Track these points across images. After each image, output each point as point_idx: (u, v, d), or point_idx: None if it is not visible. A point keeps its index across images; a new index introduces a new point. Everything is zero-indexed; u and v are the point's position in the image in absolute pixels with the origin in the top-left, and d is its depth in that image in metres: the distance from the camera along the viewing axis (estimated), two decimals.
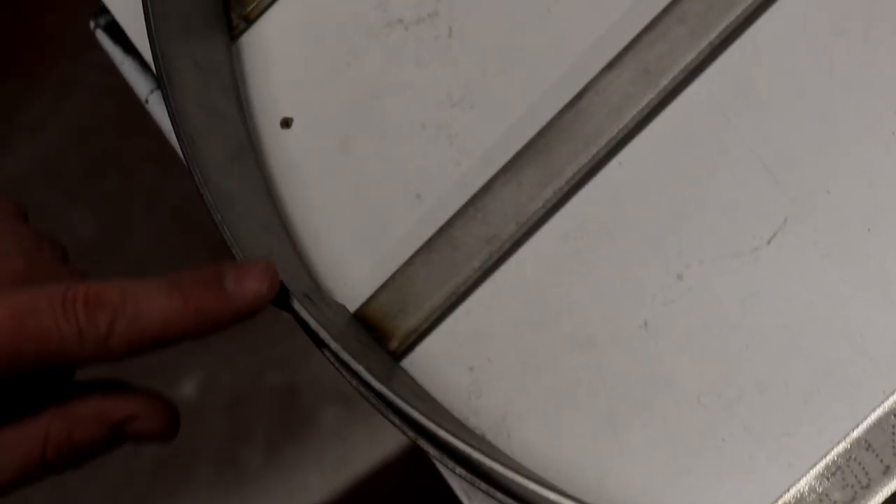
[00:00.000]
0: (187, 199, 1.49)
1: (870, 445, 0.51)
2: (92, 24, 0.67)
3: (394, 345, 0.57)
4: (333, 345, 0.53)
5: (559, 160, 0.57)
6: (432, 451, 0.53)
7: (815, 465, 0.51)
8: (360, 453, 1.40)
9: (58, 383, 0.51)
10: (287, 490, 1.41)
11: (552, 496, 0.49)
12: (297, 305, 0.53)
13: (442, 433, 0.51)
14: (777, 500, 0.51)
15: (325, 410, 1.42)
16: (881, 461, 0.50)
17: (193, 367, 1.45)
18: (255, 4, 0.63)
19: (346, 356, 0.53)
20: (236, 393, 1.45)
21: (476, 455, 0.50)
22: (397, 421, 0.53)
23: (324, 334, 0.53)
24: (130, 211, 1.56)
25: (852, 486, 0.50)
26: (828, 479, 0.51)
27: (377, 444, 1.39)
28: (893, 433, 0.50)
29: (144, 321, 0.49)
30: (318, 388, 1.43)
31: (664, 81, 0.57)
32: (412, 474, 1.37)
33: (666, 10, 0.56)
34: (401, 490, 1.38)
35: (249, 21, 0.64)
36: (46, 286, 0.49)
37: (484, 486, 0.52)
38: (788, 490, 0.51)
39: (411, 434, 0.53)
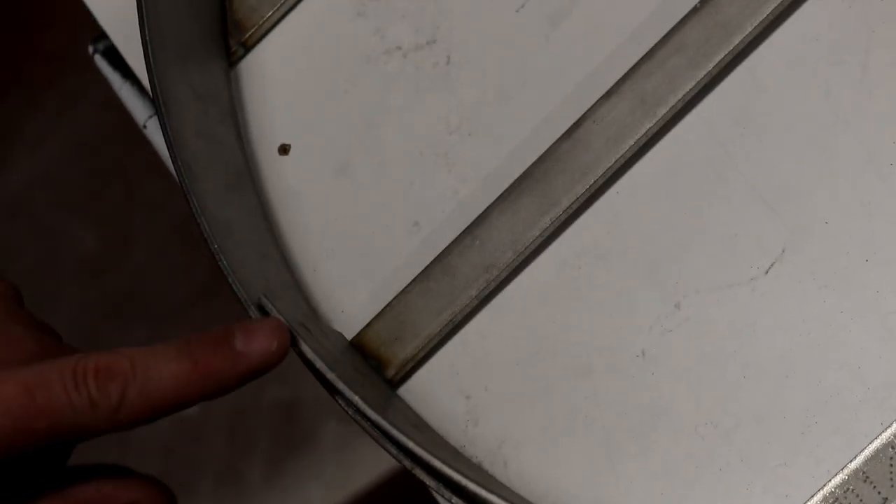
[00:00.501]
0: (189, 213, 1.49)
1: (867, 477, 0.50)
2: (91, 49, 0.67)
3: (391, 373, 0.57)
4: (329, 374, 0.53)
5: (556, 189, 0.57)
6: (428, 481, 0.53)
7: (812, 496, 0.51)
8: (361, 468, 1.40)
9: (54, 467, 0.51)
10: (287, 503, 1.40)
11: None
12: (295, 331, 0.53)
13: (437, 463, 0.51)
14: None
15: (326, 425, 1.42)
16: (879, 493, 0.50)
17: None
18: (253, 31, 0.63)
19: (341, 386, 0.53)
20: (237, 407, 1.45)
21: (472, 486, 0.50)
22: (394, 450, 0.53)
23: (319, 364, 0.53)
24: (131, 224, 1.56)
25: None
26: None
27: (378, 459, 1.40)
28: (891, 465, 0.50)
29: (155, 388, 0.49)
30: (318, 403, 1.43)
31: (662, 111, 0.56)
32: (412, 490, 1.37)
33: (664, 40, 0.56)
34: None
35: (248, 47, 0.64)
36: (56, 361, 0.49)
37: None
38: None
39: (408, 463, 0.53)
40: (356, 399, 0.53)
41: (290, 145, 0.62)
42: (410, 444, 0.52)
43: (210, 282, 1.49)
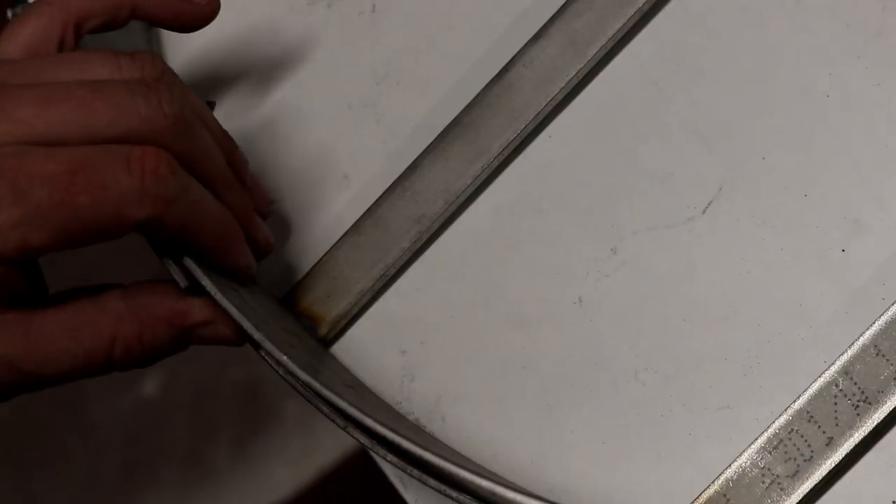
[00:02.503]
0: None
1: (812, 417, 0.49)
2: None
3: (323, 331, 0.56)
4: (256, 335, 0.51)
5: (487, 135, 0.55)
6: (363, 439, 0.51)
7: (756, 439, 0.50)
8: (326, 445, 1.39)
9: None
10: (253, 484, 1.39)
11: (483, 483, 0.48)
12: (217, 295, 0.51)
13: (369, 422, 0.49)
14: (718, 477, 0.49)
15: (289, 403, 1.41)
16: (824, 433, 0.49)
17: (155, 366, 1.43)
18: None
19: (269, 346, 0.51)
20: (199, 389, 1.43)
21: (405, 444, 0.49)
22: (326, 410, 0.52)
23: (246, 325, 0.51)
24: None
25: (795, 460, 0.49)
26: (770, 453, 0.49)
27: (342, 435, 1.38)
28: (835, 404, 0.49)
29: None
30: (280, 382, 1.41)
31: (592, 51, 0.55)
32: (377, 466, 1.36)
33: None
34: (367, 481, 1.36)
35: None
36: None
37: (416, 472, 0.50)
38: (730, 466, 0.49)
39: (340, 422, 0.52)
40: (284, 359, 0.51)
41: (214, 101, 0.60)
42: (342, 404, 0.50)
43: (162, 267, 1.48)
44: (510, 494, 0.47)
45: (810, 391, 0.49)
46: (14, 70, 0.49)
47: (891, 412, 0.48)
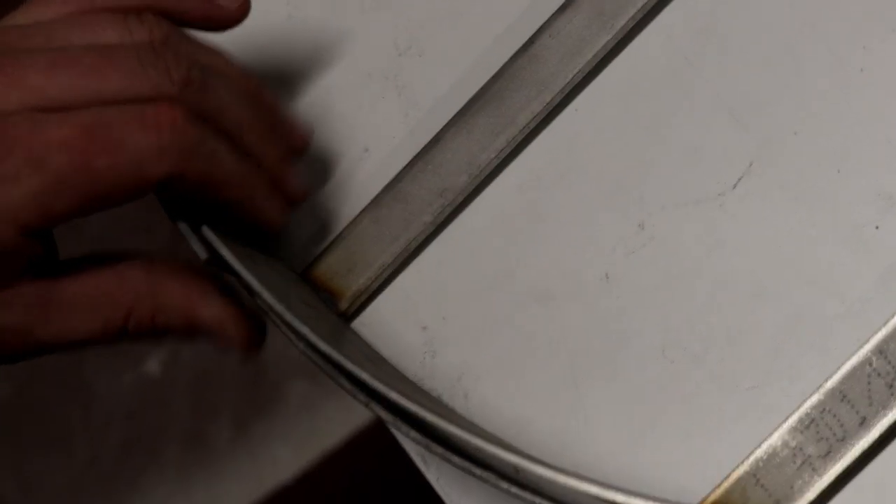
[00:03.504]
0: None
1: (845, 396, 0.48)
2: None
3: (343, 305, 0.55)
4: (277, 307, 0.50)
5: (512, 108, 0.54)
6: (385, 415, 0.50)
7: (787, 418, 0.49)
8: (328, 427, 1.38)
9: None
10: (255, 465, 1.38)
11: (511, 458, 0.47)
12: (237, 266, 0.50)
13: (393, 395, 0.48)
14: (749, 456, 0.49)
15: (292, 385, 1.40)
16: (857, 412, 0.48)
17: (157, 346, 1.43)
18: None
19: (289, 317, 0.50)
20: (201, 370, 1.43)
21: (430, 417, 0.48)
22: (347, 384, 0.51)
23: (267, 296, 0.50)
24: None
25: (827, 440, 0.48)
26: (801, 432, 0.48)
27: (345, 417, 1.37)
28: (869, 383, 0.48)
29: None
30: (284, 363, 1.41)
31: (621, 22, 0.54)
32: (381, 446, 1.35)
33: None
34: (370, 463, 1.36)
35: None
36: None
37: (440, 449, 0.49)
38: (760, 445, 0.49)
39: (362, 398, 0.51)
40: (305, 331, 0.50)
41: None
42: (365, 377, 0.49)
43: (172, 243, 1.47)
44: (538, 469, 0.46)
45: (843, 370, 0.48)
46: (23, 34, 0.48)
47: None
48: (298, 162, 0.55)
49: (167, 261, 0.50)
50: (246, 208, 0.50)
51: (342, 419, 1.37)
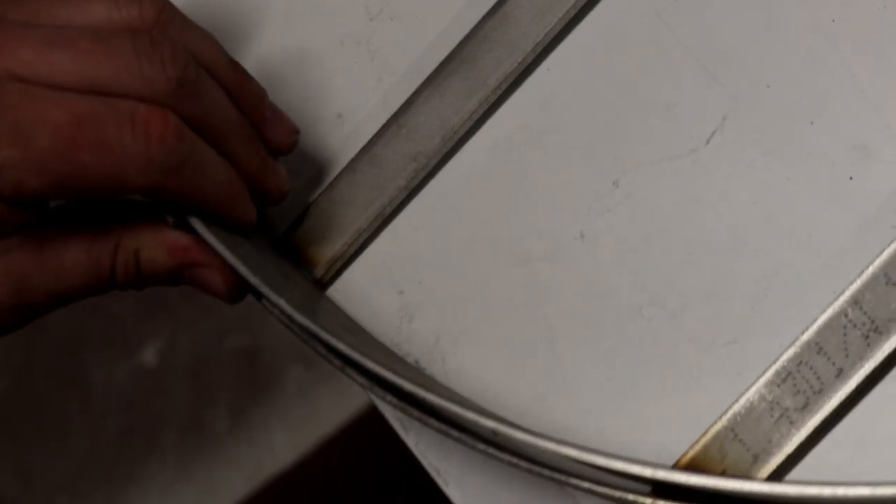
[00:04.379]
0: None
1: (821, 349, 0.48)
2: None
3: (319, 272, 0.54)
4: (253, 279, 0.50)
5: (484, 69, 0.54)
6: (361, 381, 0.50)
7: (764, 372, 0.48)
8: (326, 412, 1.38)
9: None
10: (253, 451, 1.38)
11: (489, 423, 0.46)
12: (207, 236, 0.50)
13: (369, 363, 0.48)
14: (727, 411, 0.48)
15: (289, 370, 1.40)
16: (833, 364, 0.47)
17: (153, 333, 1.43)
18: None
19: (266, 290, 0.50)
20: (198, 357, 1.42)
21: (406, 384, 0.47)
22: (323, 351, 0.50)
23: (241, 268, 0.50)
24: None
25: (804, 392, 0.48)
26: (778, 386, 0.48)
27: (342, 402, 1.37)
28: (845, 334, 0.47)
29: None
30: (280, 349, 1.41)
31: None
32: (378, 431, 1.35)
33: None
34: (367, 447, 1.36)
35: None
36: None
37: (417, 413, 0.49)
38: (738, 400, 0.48)
39: (338, 364, 0.50)
40: (281, 302, 0.50)
41: None
42: (339, 346, 0.49)
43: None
44: (513, 433, 0.46)
45: (819, 322, 0.48)
46: (13, 4, 0.48)
47: None
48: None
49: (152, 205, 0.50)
50: (225, 216, 0.50)
51: (339, 404, 1.37)
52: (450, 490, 0.52)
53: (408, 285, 0.54)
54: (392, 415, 0.53)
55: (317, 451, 1.36)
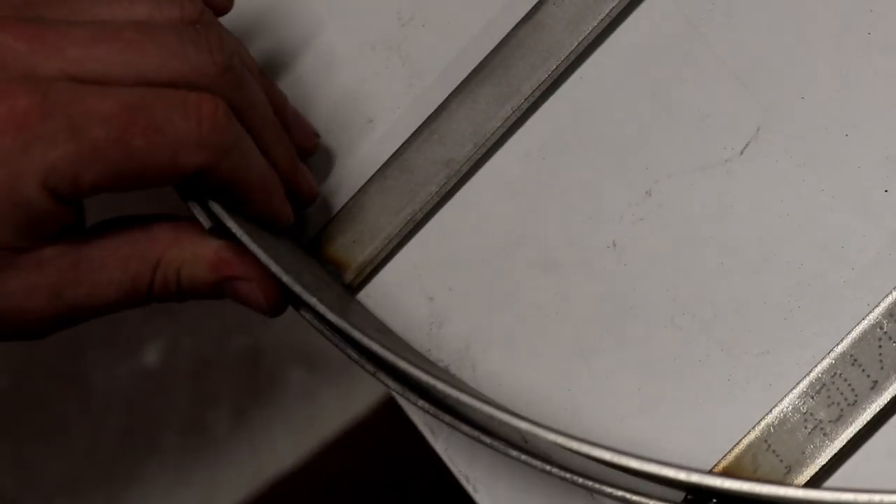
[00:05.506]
0: None
1: (856, 360, 0.48)
2: None
3: (349, 277, 0.54)
4: (285, 278, 0.50)
5: (516, 76, 0.54)
6: (393, 385, 0.50)
7: (797, 384, 0.48)
8: (328, 414, 1.38)
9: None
10: (255, 453, 1.38)
11: (522, 425, 0.46)
12: (244, 237, 0.50)
13: (402, 364, 0.48)
14: (759, 422, 0.48)
15: (291, 372, 1.40)
16: (868, 376, 0.47)
17: (156, 335, 1.42)
18: None
19: (298, 289, 0.50)
20: (200, 358, 1.42)
21: (439, 385, 0.47)
22: (355, 354, 0.50)
23: (275, 268, 0.50)
24: None
25: (838, 404, 0.48)
26: (812, 397, 0.48)
27: (345, 404, 1.37)
28: (880, 346, 0.48)
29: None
30: (283, 351, 1.41)
31: None
32: (381, 434, 1.35)
33: None
34: (370, 450, 1.36)
35: None
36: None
37: (448, 419, 0.49)
38: (771, 411, 0.48)
39: (370, 368, 0.50)
40: (313, 301, 0.49)
41: None
42: (373, 346, 0.49)
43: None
44: (546, 434, 0.46)
45: (854, 334, 0.48)
46: (49, 3, 0.48)
47: None
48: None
49: (193, 221, 0.50)
50: (263, 207, 0.51)
51: (341, 407, 1.37)
52: (479, 497, 0.52)
53: (438, 291, 0.54)
54: (421, 420, 0.53)
55: (318, 453, 1.36)
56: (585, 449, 0.45)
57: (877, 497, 0.42)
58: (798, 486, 0.46)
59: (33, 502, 1.42)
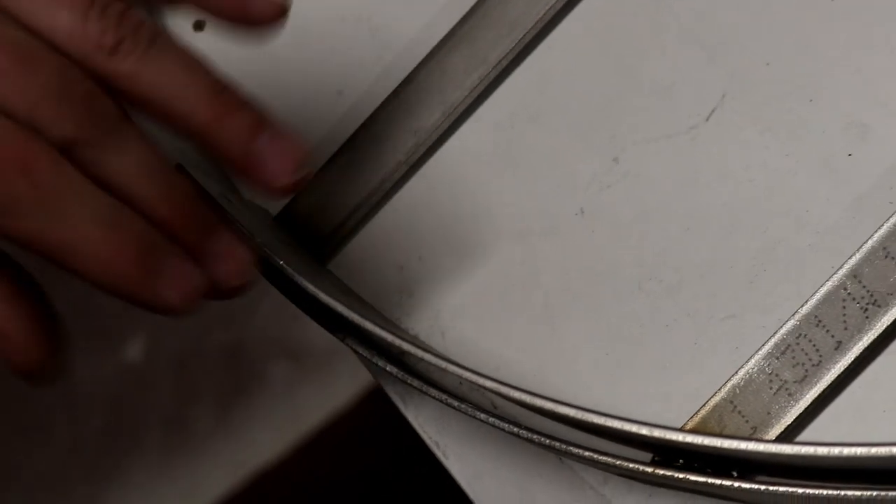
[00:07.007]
0: None
1: (820, 321, 0.48)
2: None
3: (319, 247, 0.54)
4: (252, 241, 0.50)
5: (484, 47, 0.54)
6: (361, 350, 0.50)
7: (762, 345, 0.49)
8: (310, 408, 1.38)
9: None
10: (237, 448, 1.38)
11: (489, 384, 0.47)
12: (220, 201, 0.50)
13: (369, 326, 0.48)
14: (725, 384, 0.49)
15: (274, 366, 1.40)
16: (832, 336, 0.48)
17: (137, 330, 1.42)
18: None
19: (266, 252, 0.50)
20: (182, 353, 1.42)
21: (406, 346, 0.48)
22: (323, 320, 0.51)
23: (242, 227, 0.50)
24: None
25: (803, 365, 0.48)
26: (777, 358, 0.48)
27: (327, 398, 1.37)
28: (844, 307, 0.48)
29: None
30: (265, 344, 1.41)
31: None
32: (362, 427, 1.35)
33: None
34: (352, 444, 1.36)
35: None
36: None
37: (417, 382, 0.49)
38: (737, 373, 0.49)
39: (339, 334, 0.51)
40: (281, 264, 0.50)
41: (204, 21, 0.58)
42: (341, 309, 0.49)
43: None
44: (511, 392, 0.46)
45: (818, 295, 0.48)
46: None
47: None
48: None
49: None
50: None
51: (322, 401, 1.37)
52: (449, 463, 0.52)
53: (408, 261, 0.54)
54: (392, 388, 0.53)
55: (300, 447, 1.36)
56: (550, 406, 0.45)
57: (836, 450, 0.42)
58: (762, 441, 0.47)
59: (14, 499, 1.41)
